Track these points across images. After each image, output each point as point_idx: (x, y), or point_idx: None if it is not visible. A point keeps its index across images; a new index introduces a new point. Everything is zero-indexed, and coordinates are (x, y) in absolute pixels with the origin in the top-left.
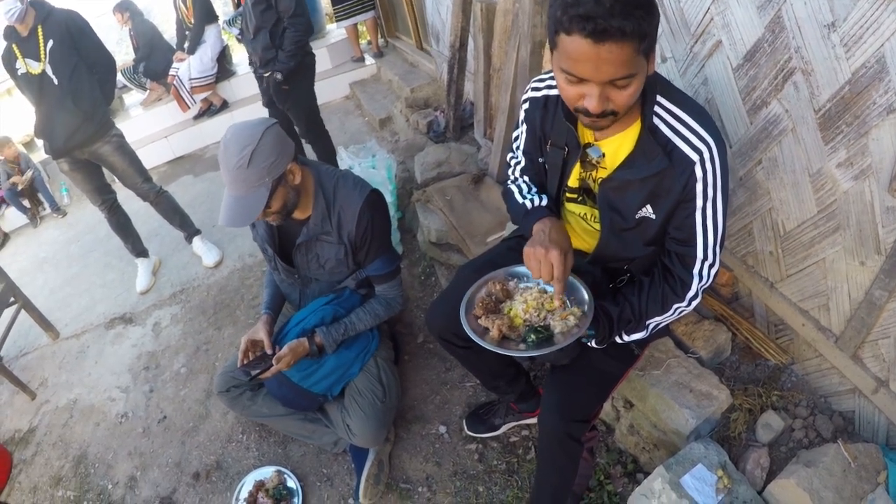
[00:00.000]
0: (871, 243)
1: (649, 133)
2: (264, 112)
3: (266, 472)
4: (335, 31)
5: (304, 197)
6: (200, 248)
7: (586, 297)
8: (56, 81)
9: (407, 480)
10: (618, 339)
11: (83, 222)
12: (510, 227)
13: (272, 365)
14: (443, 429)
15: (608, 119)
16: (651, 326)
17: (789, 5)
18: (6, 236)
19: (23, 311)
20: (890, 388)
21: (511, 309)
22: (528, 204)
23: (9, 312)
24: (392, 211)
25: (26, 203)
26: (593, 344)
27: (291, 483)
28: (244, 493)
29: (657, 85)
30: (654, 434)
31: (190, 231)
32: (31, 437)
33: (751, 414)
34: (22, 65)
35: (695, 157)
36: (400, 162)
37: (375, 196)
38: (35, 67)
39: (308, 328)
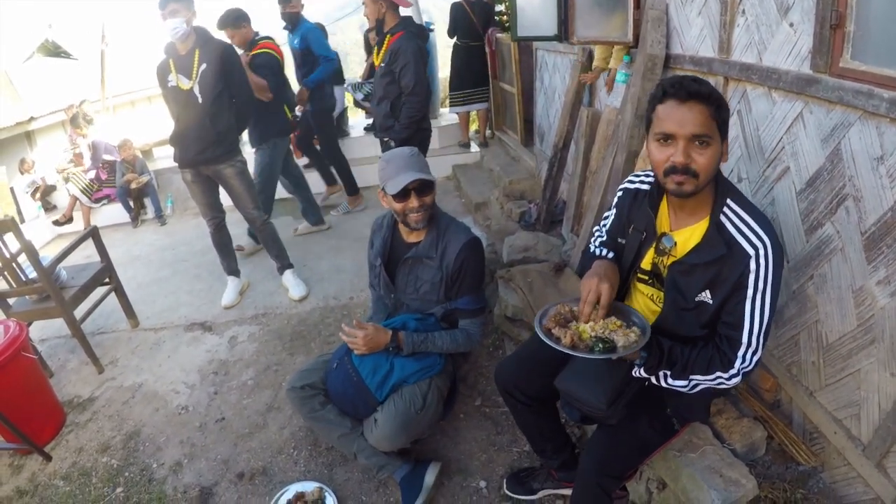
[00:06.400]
0: None
1: (715, 227)
2: (373, 172)
3: (308, 486)
4: (447, 115)
5: None
6: (290, 280)
7: (644, 325)
8: (200, 100)
9: None
10: (662, 383)
11: (180, 234)
12: None
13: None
14: (483, 484)
15: (691, 182)
16: (693, 383)
17: (847, 139)
18: (70, 219)
19: (112, 294)
20: None
21: (579, 326)
22: (597, 252)
23: (99, 291)
24: None
25: (131, 204)
26: (642, 373)
27: (330, 501)
28: (283, 500)
29: (728, 191)
30: None
31: (284, 263)
32: (89, 404)
33: None
34: (174, 78)
35: (751, 251)
36: (489, 244)
37: (476, 242)
38: (186, 84)
39: (391, 327)
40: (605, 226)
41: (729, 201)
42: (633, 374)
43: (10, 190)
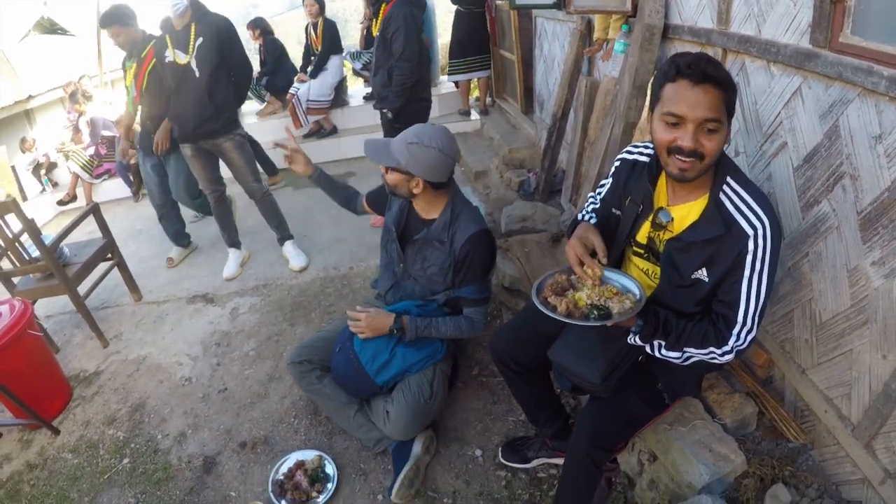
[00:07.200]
0: (894, 338)
1: (714, 205)
2: None
3: (309, 455)
4: (447, 83)
5: (431, 204)
6: (290, 251)
7: (639, 292)
8: (197, 74)
9: (435, 490)
10: (656, 353)
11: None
12: None
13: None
14: (479, 452)
15: (695, 167)
16: (686, 355)
17: (846, 116)
18: (74, 197)
19: (115, 269)
20: None
21: (575, 294)
22: (579, 217)
23: (102, 267)
24: None
25: (131, 178)
26: (637, 340)
27: (329, 469)
28: (284, 468)
29: (729, 169)
30: (671, 487)
31: (284, 234)
32: (95, 378)
33: (762, 482)
34: (171, 54)
35: (750, 231)
36: (488, 213)
37: (482, 235)
38: (182, 58)
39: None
40: (600, 193)
41: (729, 179)
42: (629, 341)
43: (11, 169)
